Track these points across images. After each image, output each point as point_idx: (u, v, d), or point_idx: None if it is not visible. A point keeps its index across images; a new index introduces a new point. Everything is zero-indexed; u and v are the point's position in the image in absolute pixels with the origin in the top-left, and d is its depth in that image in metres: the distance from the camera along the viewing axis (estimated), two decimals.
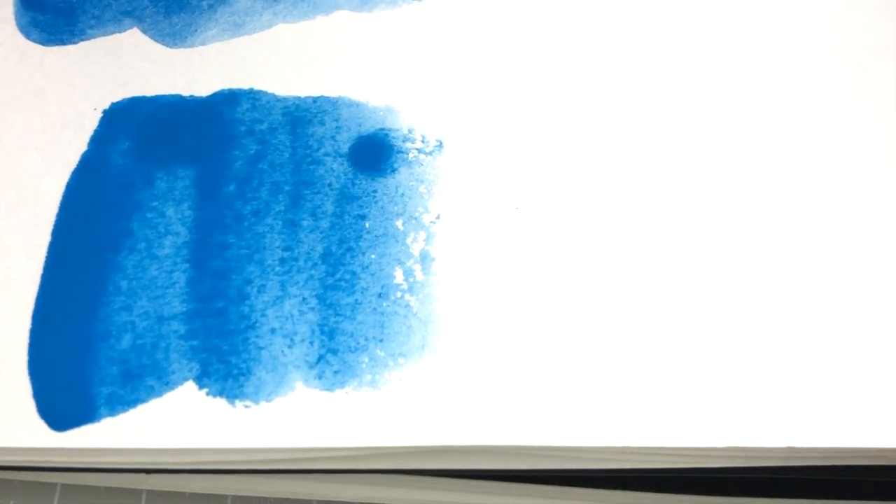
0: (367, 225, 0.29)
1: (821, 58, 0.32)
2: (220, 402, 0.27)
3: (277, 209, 0.30)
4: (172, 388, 0.27)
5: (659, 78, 0.32)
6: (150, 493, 0.32)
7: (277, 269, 0.29)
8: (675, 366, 0.27)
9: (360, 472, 0.29)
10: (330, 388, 0.27)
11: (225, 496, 0.31)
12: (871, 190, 0.30)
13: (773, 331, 0.27)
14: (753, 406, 0.26)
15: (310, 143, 0.31)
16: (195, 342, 0.27)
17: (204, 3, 0.34)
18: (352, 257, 0.29)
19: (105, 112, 0.31)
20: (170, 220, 0.29)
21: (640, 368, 0.27)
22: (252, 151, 0.31)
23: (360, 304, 0.28)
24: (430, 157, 0.31)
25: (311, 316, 0.28)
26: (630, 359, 0.27)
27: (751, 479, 0.30)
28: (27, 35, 0.33)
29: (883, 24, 0.32)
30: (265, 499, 0.31)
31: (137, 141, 0.31)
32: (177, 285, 0.28)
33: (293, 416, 0.26)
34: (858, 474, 0.28)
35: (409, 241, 0.29)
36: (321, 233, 0.29)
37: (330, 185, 0.30)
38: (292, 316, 0.28)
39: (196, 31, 0.33)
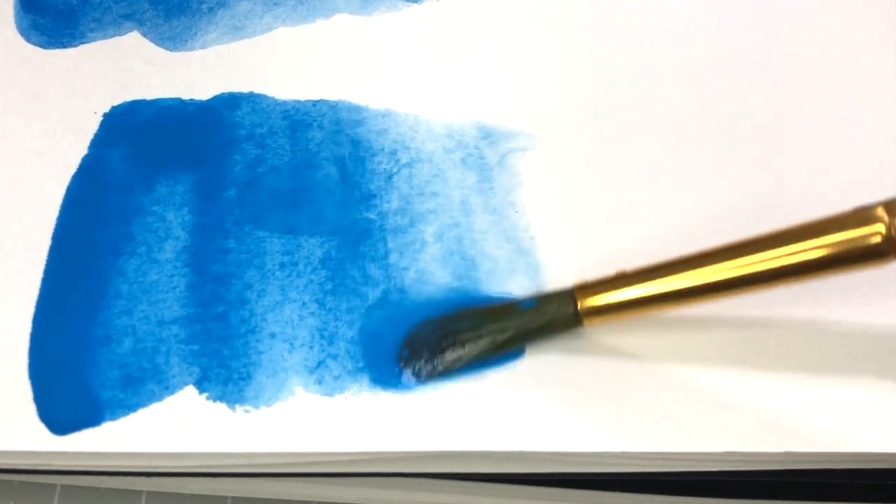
0: (367, 229, 0.29)
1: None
2: (221, 407, 0.27)
3: (277, 213, 0.30)
4: (173, 393, 0.27)
5: (661, 81, 0.32)
6: (150, 493, 0.32)
7: (277, 273, 0.29)
8: (674, 371, 0.27)
9: (359, 476, 0.29)
10: (330, 393, 0.27)
11: (225, 497, 0.32)
12: (869, 187, 0.30)
13: (771, 334, 0.28)
14: (751, 411, 0.26)
15: (309, 146, 0.31)
16: (195, 346, 0.28)
17: (204, 6, 0.34)
18: (352, 262, 0.29)
19: (105, 116, 0.31)
20: (170, 224, 0.29)
21: (639, 374, 0.27)
22: (252, 155, 0.31)
23: (361, 309, 0.28)
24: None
25: (310, 321, 0.28)
26: (629, 364, 0.27)
27: (749, 482, 0.30)
28: (27, 38, 0.33)
29: None
30: (265, 500, 0.32)
31: (137, 145, 0.31)
32: (177, 289, 0.28)
33: (293, 421, 0.26)
34: (858, 477, 0.28)
35: None
36: (321, 237, 0.29)
37: (330, 189, 0.30)
38: (292, 321, 0.28)
39: (196, 34, 0.33)
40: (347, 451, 0.26)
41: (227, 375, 0.27)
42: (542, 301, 0.27)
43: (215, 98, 0.32)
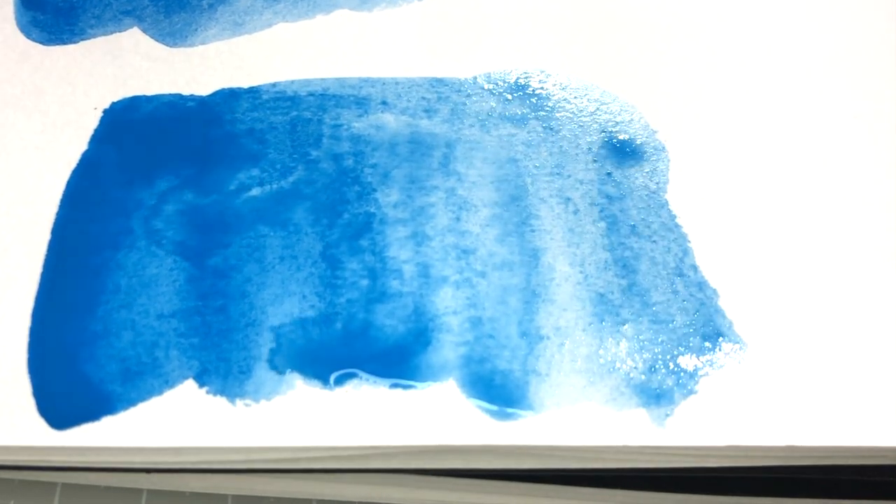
0: (367, 223, 0.29)
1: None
2: (221, 401, 0.27)
3: (277, 207, 0.30)
4: (172, 387, 0.27)
5: (664, 83, 0.32)
6: (151, 492, 0.32)
7: (277, 266, 0.29)
8: (674, 365, 0.27)
9: (360, 472, 0.29)
10: (330, 387, 0.27)
11: (225, 496, 0.31)
12: (869, 190, 0.30)
13: (772, 329, 0.28)
14: (753, 405, 0.26)
15: (309, 141, 0.31)
16: (195, 340, 0.27)
17: (204, 2, 0.34)
18: (351, 255, 0.29)
19: (105, 111, 0.31)
20: (170, 218, 0.29)
21: (640, 368, 0.27)
22: (252, 150, 0.31)
23: (361, 302, 0.28)
24: None
25: (310, 314, 0.28)
26: (629, 358, 0.27)
27: (752, 479, 0.30)
28: (28, 34, 0.33)
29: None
30: (265, 498, 0.31)
31: (137, 140, 0.31)
32: (176, 283, 0.28)
33: (294, 415, 0.26)
34: (860, 473, 0.28)
35: None
36: (321, 231, 0.29)
37: (330, 184, 0.30)
38: (292, 314, 0.28)
39: (196, 30, 0.33)
40: (348, 445, 0.26)
41: (227, 369, 0.27)
42: None
43: (215, 93, 0.32)
